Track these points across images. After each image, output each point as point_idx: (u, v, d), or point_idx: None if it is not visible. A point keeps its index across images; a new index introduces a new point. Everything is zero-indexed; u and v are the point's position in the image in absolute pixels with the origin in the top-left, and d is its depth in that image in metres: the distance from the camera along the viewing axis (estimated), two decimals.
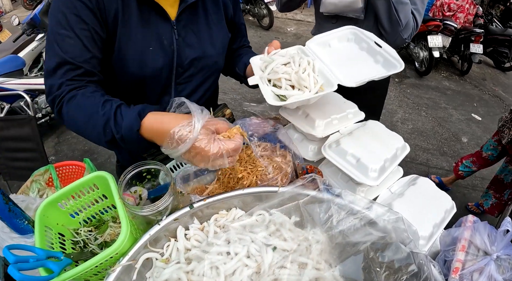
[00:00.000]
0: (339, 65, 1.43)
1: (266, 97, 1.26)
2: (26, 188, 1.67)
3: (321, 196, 1.04)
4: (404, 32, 2.08)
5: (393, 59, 1.39)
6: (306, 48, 1.46)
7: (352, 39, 1.56)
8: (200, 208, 1.09)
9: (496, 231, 1.20)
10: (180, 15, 1.36)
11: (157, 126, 1.07)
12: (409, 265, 0.86)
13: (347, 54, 1.52)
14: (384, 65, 1.41)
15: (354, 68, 1.42)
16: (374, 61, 1.45)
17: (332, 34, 1.56)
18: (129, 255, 0.96)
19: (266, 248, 0.96)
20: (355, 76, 1.35)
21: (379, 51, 1.44)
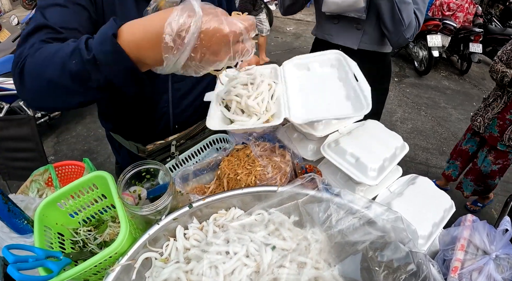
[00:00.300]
0: (307, 93, 1.37)
1: (209, 117, 1.22)
2: (25, 188, 1.67)
3: (320, 195, 1.04)
4: (407, 31, 2.09)
5: (363, 98, 1.22)
6: (280, 69, 1.41)
7: (335, 66, 1.48)
8: (199, 207, 1.09)
9: (495, 231, 1.20)
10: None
11: (141, 28, 0.81)
12: (408, 265, 0.86)
13: (322, 81, 1.44)
14: (354, 103, 1.27)
15: (321, 100, 1.34)
16: (346, 96, 1.33)
17: (315, 57, 1.50)
18: (128, 255, 0.96)
19: (265, 248, 0.97)
20: (314, 111, 1.29)
21: (354, 86, 1.31)
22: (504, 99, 3.17)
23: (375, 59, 2.42)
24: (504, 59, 3.11)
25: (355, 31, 2.29)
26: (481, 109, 3.43)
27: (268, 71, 1.39)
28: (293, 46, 9.14)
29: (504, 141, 3.22)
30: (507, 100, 3.15)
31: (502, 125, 3.22)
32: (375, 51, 2.36)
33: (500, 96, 3.21)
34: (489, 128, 3.33)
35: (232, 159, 1.35)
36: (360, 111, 1.18)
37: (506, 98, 3.16)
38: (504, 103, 3.17)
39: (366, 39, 2.29)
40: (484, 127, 3.38)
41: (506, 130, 3.19)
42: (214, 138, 1.61)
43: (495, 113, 3.26)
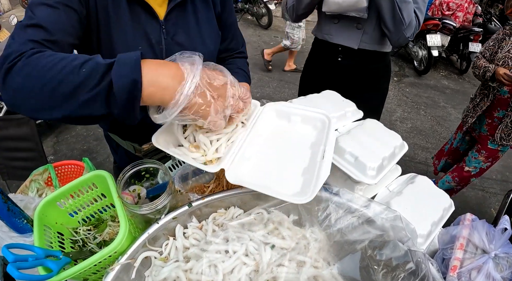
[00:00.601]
0: (268, 151, 1.19)
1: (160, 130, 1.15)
2: (25, 188, 1.67)
3: (319, 194, 1.04)
4: (407, 30, 2.09)
5: (313, 185, 0.99)
6: (259, 109, 1.27)
7: (317, 128, 1.27)
8: (199, 206, 1.09)
9: (494, 230, 1.21)
10: (169, 14, 1.34)
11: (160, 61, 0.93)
12: (406, 263, 0.86)
13: (293, 142, 1.23)
14: (303, 184, 1.05)
15: (277, 164, 1.15)
16: (304, 170, 1.11)
17: (302, 110, 1.30)
18: (127, 254, 0.96)
19: (265, 246, 0.97)
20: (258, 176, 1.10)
21: (317, 162, 1.09)
22: (490, 97, 3.13)
23: (375, 58, 2.41)
24: (487, 55, 3.10)
25: (355, 30, 2.28)
26: (470, 110, 3.39)
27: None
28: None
29: (496, 140, 3.19)
30: (493, 98, 3.11)
31: (491, 123, 3.20)
32: (375, 51, 2.35)
33: (486, 95, 3.17)
34: (480, 128, 3.33)
35: None
36: (302, 197, 0.96)
37: (492, 96, 3.12)
38: (491, 101, 3.14)
39: (366, 38, 2.29)
40: (475, 129, 3.40)
41: (496, 128, 3.16)
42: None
43: (484, 112, 3.24)
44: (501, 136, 3.14)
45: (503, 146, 3.21)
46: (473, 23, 8.09)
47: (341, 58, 2.43)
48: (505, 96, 3.02)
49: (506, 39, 2.97)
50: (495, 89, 3.05)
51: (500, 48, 2.99)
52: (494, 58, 3.01)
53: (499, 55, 2.96)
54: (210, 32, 1.51)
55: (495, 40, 3.07)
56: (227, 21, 1.61)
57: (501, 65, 2.91)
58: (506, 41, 2.96)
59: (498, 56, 2.97)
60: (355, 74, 2.45)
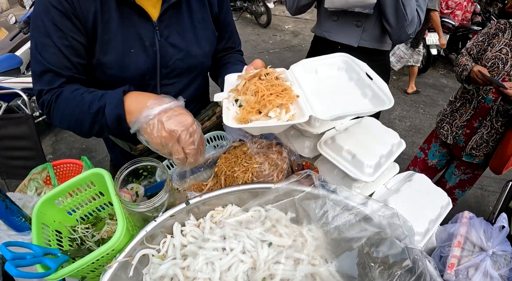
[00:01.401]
0: (322, 94, 1.28)
1: (225, 116, 1.12)
2: (23, 187, 1.67)
3: (316, 192, 1.05)
4: (409, 27, 2.09)
5: (382, 94, 1.19)
6: (289, 72, 1.35)
7: (342, 68, 1.40)
8: (196, 204, 1.09)
9: (492, 227, 1.21)
10: (163, 15, 1.34)
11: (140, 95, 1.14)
12: (403, 261, 0.86)
13: (333, 83, 1.35)
14: (372, 100, 1.21)
15: (337, 100, 1.26)
16: (362, 94, 1.26)
17: (321, 60, 1.42)
18: (125, 252, 0.96)
19: (262, 244, 0.97)
20: (335, 109, 1.18)
21: (369, 83, 1.24)
22: (473, 103, 2.63)
23: (375, 56, 2.39)
24: (473, 52, 2.60)
25: (355, 28, 2.28)
26: (448, 115, 2.91)
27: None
28: (292, 44, 9.14)
29: (466, 151, 2.74)
30: (477, 105, 2.60)
31: (468, 134, 2.71)
32: (375, 49, 2.35)
33: (469, 100, 2.67)
34: (458, 138, 2.80)
35: (229, 156, 1.36)
36: (383, 105, 1.15)
37: (475, 103, 2.61)
38: (474, 109, 2.63)
39: (366, 36, 2.28)
40: (453, 137, 2.85)
41: (470, 139, 2.69)
42: (211, 135, 1.61)
43: (464, 121, 2.72)
44: (472, 147, 2.71)
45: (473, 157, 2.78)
46: (472, 21, 8.08)
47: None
48: (489, 105, 2.51)
49: (498, 36, 2.44)
50: (479, 95, 2.56)
51: (491, 46, 2.47)
52: (482, 56, 2.52)
53: (488, 54, 2.46)
54: (206, 33, 1.51)
55: (485, 35, 2.55)
56: (225, 20, 1.61)
57: (489, 67, 2.42)
58: (499, 37, 2.43)
59: (487, 56, 2.47)
60: None
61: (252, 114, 1.11)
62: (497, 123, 2.52)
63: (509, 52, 2.34)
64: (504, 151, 2.45)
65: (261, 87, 1.15)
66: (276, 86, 1.17)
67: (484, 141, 2.63)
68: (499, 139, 2.57)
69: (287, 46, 8.98)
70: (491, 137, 2.60)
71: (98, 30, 1.25)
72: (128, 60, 1.32)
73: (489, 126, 2.57)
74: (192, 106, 1.67)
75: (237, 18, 10.31)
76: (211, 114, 1.68)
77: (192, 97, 1.63)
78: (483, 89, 2.51)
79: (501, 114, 2.48)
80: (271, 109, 1.11)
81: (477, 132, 2.63)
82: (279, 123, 1.10)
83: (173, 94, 1.49)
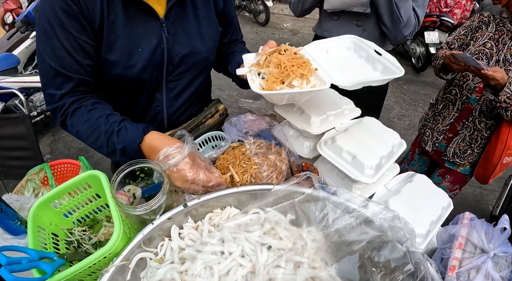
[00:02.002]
0: (336, 70, 1.38)
1: (252, 85, 1.22)
2: (21, 187, 1.66)
3: (316, 194, 1.04)
4: (406, 28, 2.09)
5: (392, 66, 1.34)
6: (304, 51, 1.38)
7: (351, 48, 1.52)
8: (195, 206, 1.08)
9: (493, 229, 1.20)
10: (169, 11, 1.34)
11: (156, 142, 1.21)
12: (405, 265, 0.85)
13: (345, 61, 1.47)
14: (383, 72, 1.36)
15: (351, 73, 1.37)
16: (373, 68, 1.40)
17: (331, 42, 1.52)
18: (122, 255, 0.95)
19: (261, 247, 0.96)
20: (351, 79, 1.27)
21: (378, 58, 1.39)
22: (457, 105, 2.39)
23: None
24: (455, 46, 2.37)
25: (355, 28, 2.28)
26: (430, 119, 2.65)
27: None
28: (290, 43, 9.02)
29: (448, 156, 2.52)
30: (461, 107, 2.37)
31: (450, 138, 2.49)
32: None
33: (452, 102, 2.43)
34: (438, 144, 2.58)
35: (228, 157, 1.34)
36: (394, 74, 1.29)
37: (459, 104, 2.37)
38: (457, 111, 2.40)
39: (366, 36, 2.16)
40: (432, 143, 2.63)
41: (451, 142, 2.47)
42: (210, 135, 1.60)
43: (446, 125, 2.49)
44: (454, 151, 2.48)
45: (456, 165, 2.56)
46: None
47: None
48: (473, 105, 2.30)
49: (482, 29, 2.24)
50: (463, 95, 2.33)
51: (473, 40, 2.27)
52: (465, 51, 2.27)
53: (471, 49, 2.25)
54: (211, 29, 1.51)
55: (467, 28, 2.33)
56: (230, 14, 1.64)
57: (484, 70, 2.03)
58: (482, 31, 2.24)
59: (469, 50, 2.25)
60: None
61: (276, 84, 1.20)
62: (480, 124, 2.32)
63: (493, 46, 2.17)
64: (489, 159, 2.32)
65: (283, 59, 1.22)
66: (296, 59, 1.25)
67: (467, 145, 2.42)
68: (484, 145, 2.39)
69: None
70: (474, 141, 2.39)
71: (104, 29, 1.24)
72: (135, 58, 1.32)
73: (471, 128, 2.36)
74: (195, 103, 1.68)
75: None
76: (214, 112, 1.67)
77: (196, 93, 1.64)
78: (466, 88, 2.31)
79: (484, 114, 2.29)
80: (294, 79, 1.20)
81: (458, 134, 2.43)
82: (303, 90, 1.19)
83: (178, 90, 1.53)
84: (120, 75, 1.33)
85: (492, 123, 2.29)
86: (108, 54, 1.28)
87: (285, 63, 1.21)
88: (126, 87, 1.41)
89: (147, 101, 1.50)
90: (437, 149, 2.59)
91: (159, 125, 1.59)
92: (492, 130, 2.31)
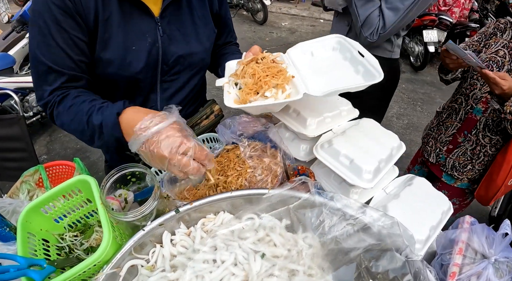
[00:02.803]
0: (317, 74, 1.38)
1: (226, 98, 1.20)
2: (16, 189, 1.64)
3: (312, 199, 1.01)
4: (365, 29, 2.11)
5: (373, 69, 1.27)
6: (286, 55, 1.41)
7: (337, 48, 1.49)
8: (187, 212, 1.05)
9: (494, 233, 1.17)
10: (164, 11, 1.33)
11: (136, 114, 1.10)
12: (404, 275, 0.83)
13: (329, 63, 1.45)
14: (364, 75, 1.31)
15: (332, 78, 1.36)
16: (355, 71, 1.35)
17: (317, 42, 1.50)
18: (112, 263, 0.93)
19: (255, 256, 0.93)
20: (329, 85, 1.27)
21: (361, 60, 1.34)
22: (460, 115, 2.24)
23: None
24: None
25: (345, 27, 2.38)
26: (434, 128, 2.51)
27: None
28: (288, 41, 9.09)
29: (446, 168, 2.37)
30: (464, 117, 2.21)
31: (451, 150, 2.34)
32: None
33: (456, 111, 2.28)
34: (441, 156, 2.41)
35: (222, 160, 1.32)
36: (373, 79, 1.22)
37: (462, 114, 2.22)
38: (460, 121, 2.24)
39: (352, 35, 2.28)
40: (436, 154, 2.46)
41: (451, 153, 2.33)
42: (205, 137, 1.57)
43: (449, 135, 2.33)
44: (453, 164, 2.34)
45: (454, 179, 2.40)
46: (470, 19, 8.07)
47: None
48: (477, 117, 2.13)
49: (496, 36, 2.10)
50: (468, 104, 2.17)
51: (486, 46, 2.13)
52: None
53: (482, 56, 2.09)
54: (206, 30, 1.51)
55: (482, 34, 2.19)
56: (225, 16, 1.64)
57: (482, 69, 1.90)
58: (496, 38, 2.09)
59: (481, 57, 2.07)
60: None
61: (250, 95, 1.19)
62: (484, 138, 2.15)
63: (506, 54, 1.99)
64: (493, 179, 2.12)
65: (258, 69, 1.22)
66: (272, 68, 1.25)
67: (468, 160, 2.27)
68: (488, 163, 2.22)
69: (284, 43, 8.94)
70: (476, 156, 2.23)
71: (99, 27, 1.23)
72: (130, 57, 1.31)
73: (474, 141, 2.19)
74: (190, 104, 1.67)
75: (233, 15, 10.27)
76: (209, 113, 1.68)
77: (191, 94, 1.64)
78: (472, 98, 2.13)
79: (489, 128, 2.11)
80: (267, 90, 1.19)
81: (459, 147, 2.27)
82: (274, 101, 1.17)
83: (173, 91, 1.52)
84: (115, 74, 1.32)
85: (498, 140, 2.13)
86: (103, 52, 1.27)
87: (259, 74, 1.21)
88: (120, 86, 1.40)
89: (142, 101, 1.49)
90: (439, 162, 2.43)
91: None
92: (498, 147, 2.15)
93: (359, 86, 1.23)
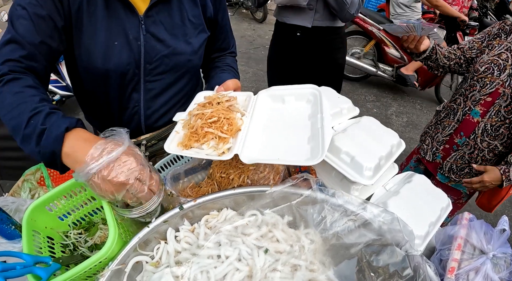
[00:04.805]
0: (268, 130, 1.25)
1: (169, 140, 1.14)
2: (17, 188, 1.65)
3: (314, 196, 1.03)
4: (351, 8, 2.49)
5: (320, 147, 1.07)
6: (254, 98, 1.36)
7: (310, 101, 1.35)
8: (191, 208, 1.07)
9: (492, 230, 1.19)
10: (150, 10, 1.33)
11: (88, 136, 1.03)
12: (404, 269, 0.84)
13: (292, 118, 1.31)
14: (313, 147, 1.11)
15: (280, 140, 1.20)
16: (309, 138, 1.17)
17: (293, 90, 1.39)
18: (118, 259, 0.94)
19: (258, 251, 0.94)
20: (265, 152, 1.14)
21: (318, 128, 1.17)
22: (458, 115, 2.20)
23: (329, 33, 2.79)
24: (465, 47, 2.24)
25: (307, 11, 2.65)
26: (432, 127, 2.47)
27: (242, 99, 1.35)
28: None
29: (443, 170, 2.32)
30: (461, 118, 2.17)
31: (447, 150, 2.30)
32: (328, 27, 2.73)
33: (454, 111, 2.23)
34: (438, 155, 2.37)
35: None
36: (313, 159, 1.03)
37: (460, 115, 2.18)
38: (457, 122, 2.20)
39: (318, 17, 2.66)
40: (432, 153, 2.42)
41: (448, 156, 2.28)
42: (162, 163, 1.57)
43: (446, 135, 2.29)
44: (451, 167, 2.29)
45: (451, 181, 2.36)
46: (469, 17, 8.05)
47: (299, 33, 2.81)
48: (475, 119, 2.09)
49: (500, 37, 2.04)
50: (466, 105, 2.13)
51: (489, 47, 2.09)
52: (477, 59, 2.15)
53: (484, 57, 2.06)
54: (196, 31, 1.49)
55: (486, 34, 2.15)
56: (222, 22, 1.63)
57: (482, 72, 2.01)
58: (500, 40, 2.04)
59: (482, 58, 2.06)
60: (313, 46, 2.84)
61: (192, 142, 1.13)
62: (482, 143, 2.11)
63: (509, 58, 1.94)
64: (497, 189, 2.12)
65: (198, 123, 1.16)
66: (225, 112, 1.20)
67: (466, 163, 2.23)
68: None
69: None
70: (474, 160, 2.20)
71: (83, 21, 1.24)
72: (111, 53, 1.31)
73: (472, 146, 2.15)
74: (178, 106, 1.65)
75: (232, 14, 10.26)
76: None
77: (178, 96, 1.62)
78: (471, 99, 2.10)
79: (487, 133, 2.07)
80: (205, 142, 1.13)
81: (458, 150, 2.23)
82: (199, 156, 1.12)
83: (157, 92, 1.51)
84: (99, 68, 1.33)
85: (496, 145, 2.09)
86: (86, 46, 1.29)
87: (200, 125, 1.15)
88: (102, 83, 1.40)
89: (125, 101, 1.48)
90: (435, 161, 2.39)
91: (136, 127, 1.58)
92: (496, 152, 2.12)
93: (293, 163, 1.11)
